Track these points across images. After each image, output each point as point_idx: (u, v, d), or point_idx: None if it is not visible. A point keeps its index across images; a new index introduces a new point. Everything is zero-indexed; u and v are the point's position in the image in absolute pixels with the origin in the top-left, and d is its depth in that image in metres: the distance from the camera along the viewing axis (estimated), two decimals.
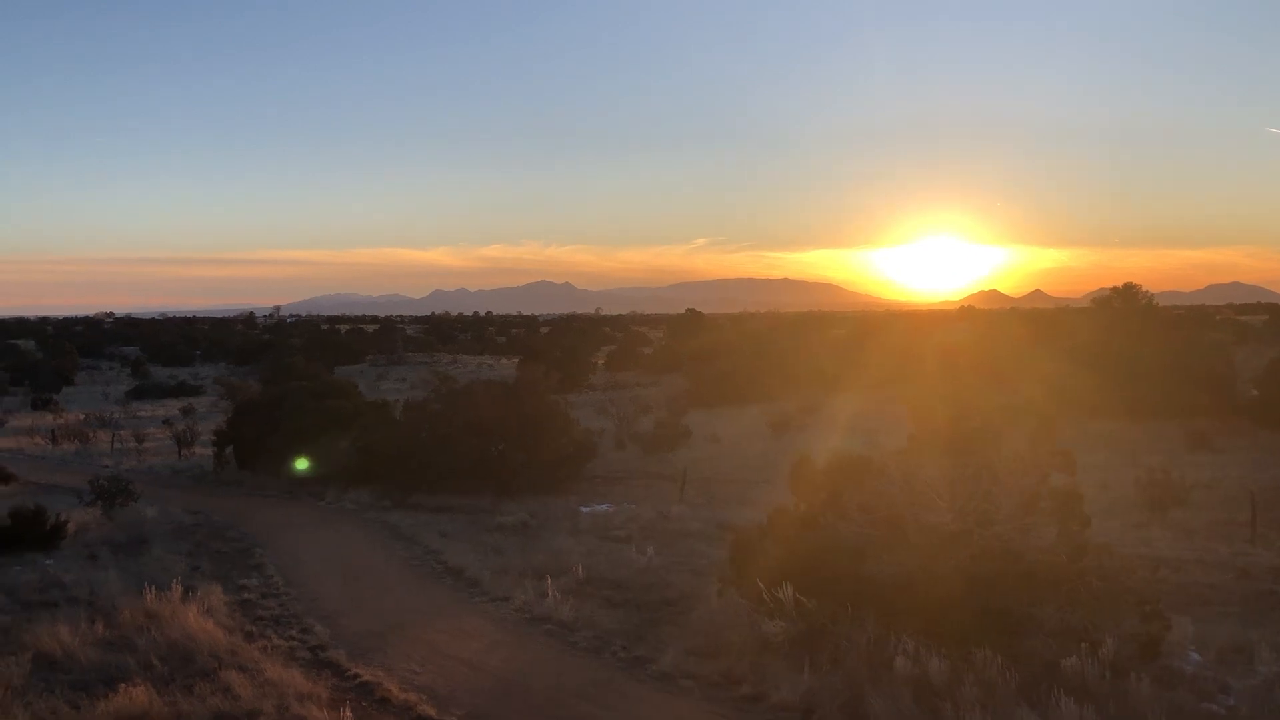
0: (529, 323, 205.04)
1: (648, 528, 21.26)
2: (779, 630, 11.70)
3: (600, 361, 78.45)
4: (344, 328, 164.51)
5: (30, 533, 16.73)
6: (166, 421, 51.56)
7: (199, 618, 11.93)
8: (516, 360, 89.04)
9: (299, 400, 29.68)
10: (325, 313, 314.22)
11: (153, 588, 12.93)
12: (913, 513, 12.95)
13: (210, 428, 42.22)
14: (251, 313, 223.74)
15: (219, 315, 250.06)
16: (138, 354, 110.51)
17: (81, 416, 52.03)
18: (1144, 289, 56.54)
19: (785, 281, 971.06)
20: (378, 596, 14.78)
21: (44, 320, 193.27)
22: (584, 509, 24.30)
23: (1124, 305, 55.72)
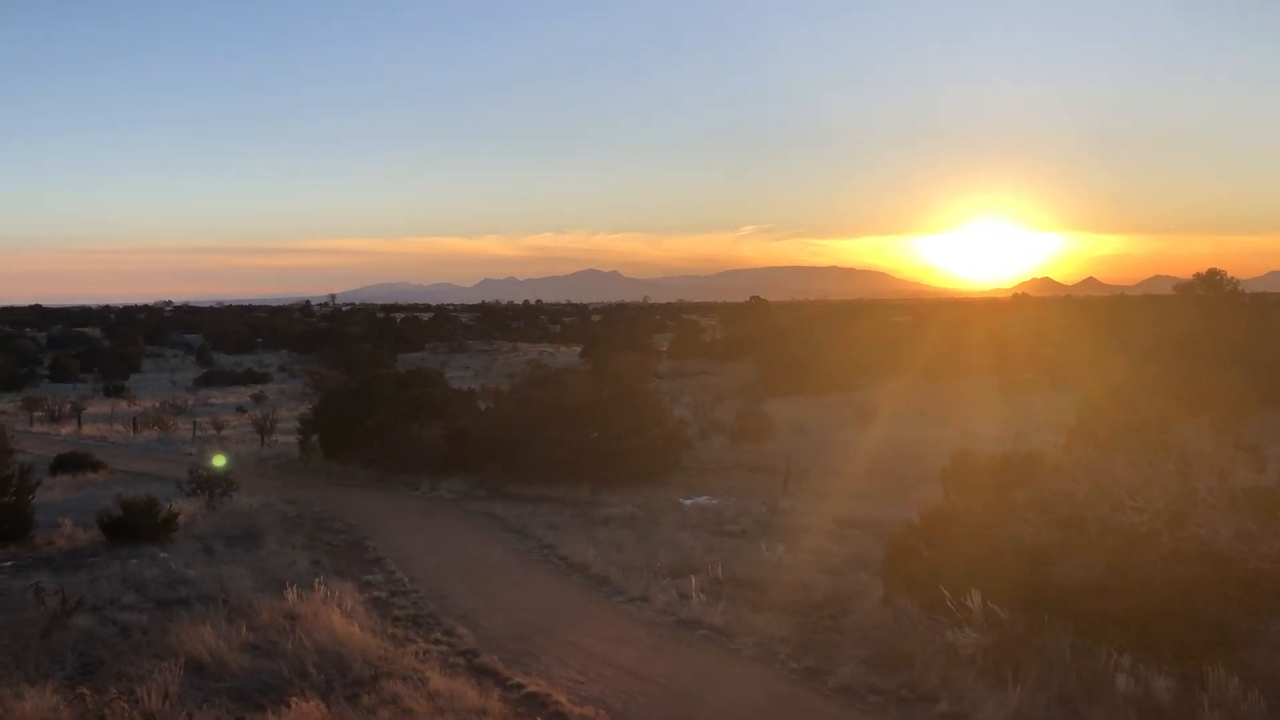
0: (579, 311, 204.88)
1: (761, 522, 20.34)
2: (970, 642, 10.72)
3: (663, 349, 77.62)
4: (399, 316, 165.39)
5: (143, 524, 16.23)
6: (240, 409, 51.71)
7: (344, 620, 11.21)
8: (579, 348, 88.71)
9: (388, 388, 29.17)
10: (377, 301, 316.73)
11: (293, 586, 12.25)
12: (1096, 512, 11.91)
13: (284, 414, 42.16)
14: (308, 301, 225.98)
15: (274, 304, 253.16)
16: (201, 341, 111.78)
17: (155, 404, 52.33)
18: (1228, 275, 54.47)
19: (833, 269, 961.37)
20: (508, 595, 14.03)
21: (106, 308, 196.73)
22: (686, 501, 23.48)
23: (1208, 292, 53.64)
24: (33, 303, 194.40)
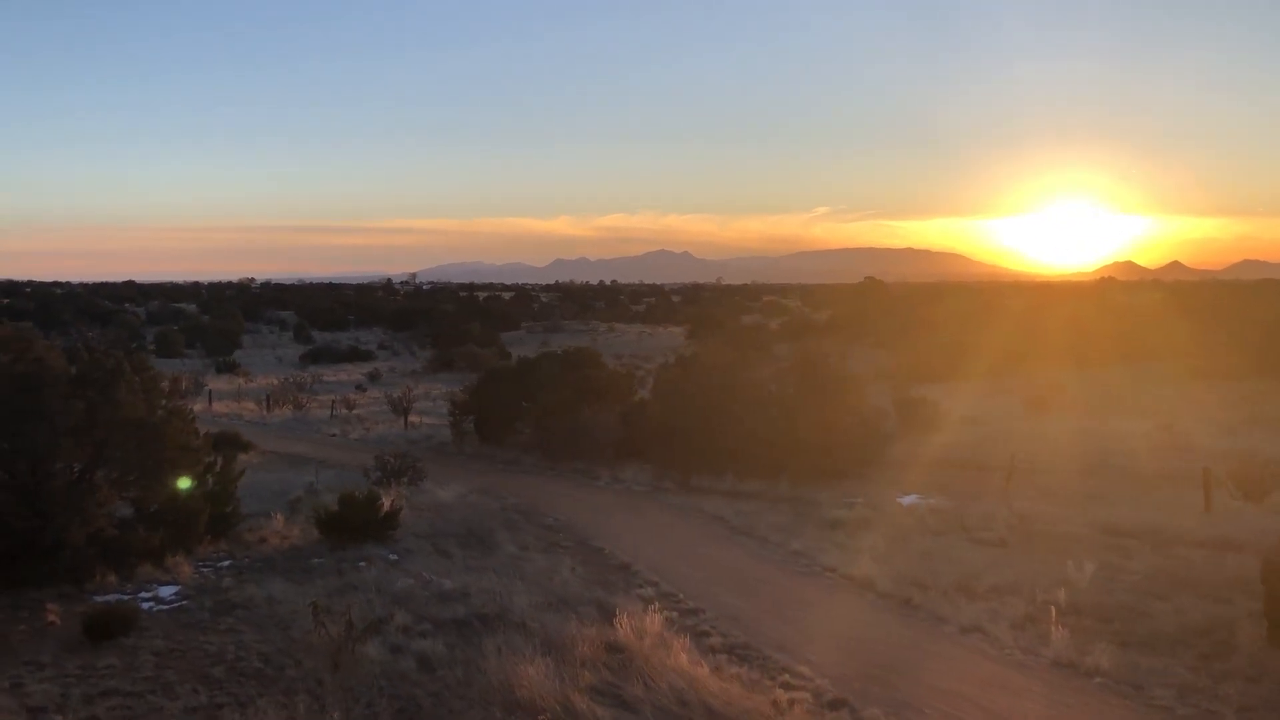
0: (655, 291, 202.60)
1: (1014, 528, 17.99)
2: None
3: (773, 330, 75.05)
4: (481, 295, 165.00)
5: (364, 521, 14.52)
6: (359, 387, 50.68)
7: (687, 656, 9.22)
8: (678, 329, 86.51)
9: (552, 371, 27.34)
10: (452, 280, 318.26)
11: (622, 611, 10.31)
12: None
13: (403, 394, 40.64)
14: (389, 279, 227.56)
15: (354, 282, 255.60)
16: (294, 318, 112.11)
17: (276, 381, 51.55)
18: None
19: (908, 251, 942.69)
20: (810, 618, 11.97)
21: (196, 284, 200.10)
22: (904, 501, 21.27)
23: None
24: (126, 279, 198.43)
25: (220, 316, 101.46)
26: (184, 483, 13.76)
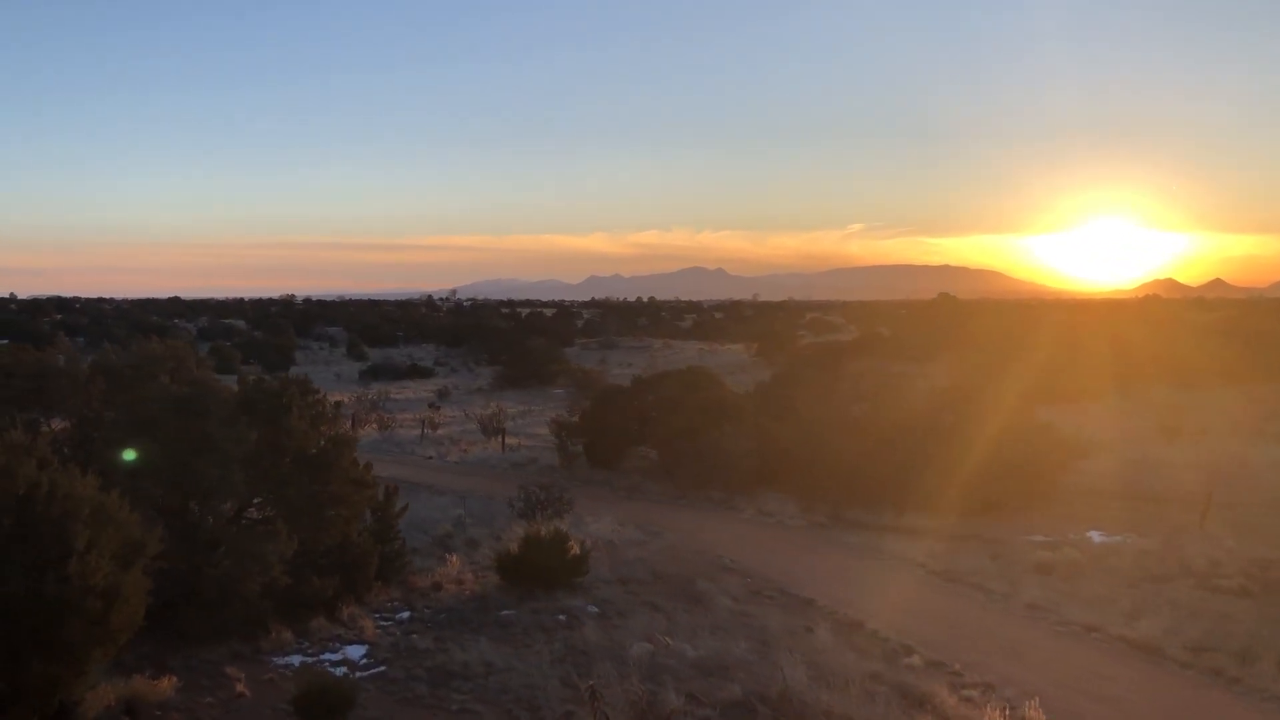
0: (695, 308, 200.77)
1: (1251, 575, 15.88)
2: None
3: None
4: (523, 312, 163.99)
5: (552, 565, 12.73)
6: (432, 405, 49.17)
7: None
8: (738, 345, 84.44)
9: (670, 392, 25.54)
10: (487, 296, 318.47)
11: (930, 695, 8.41)
12: None
13: (495, 413, 39.02)
14: (430, 296, 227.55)
15: (390, 298, 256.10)
16: (345, 334, 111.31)
17: (343, 399, 50.14)
18: None
19: (945, 268, 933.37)
20: (1132, 697, 10.00)
21: (240, 300, 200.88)
22: (1095, 538, 19.24)
23: None
24: (170, 295, 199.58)
25: (273, 332, 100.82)
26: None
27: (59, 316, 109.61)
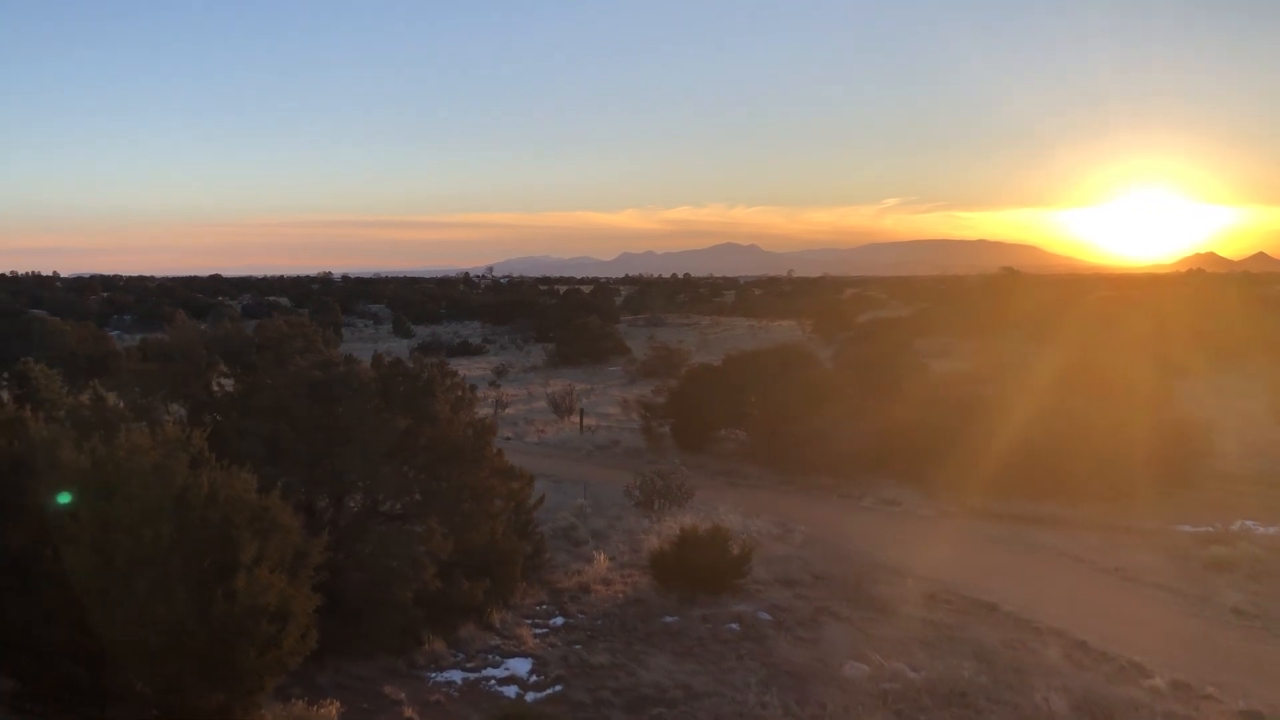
0: (732, 285, 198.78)
1: None
2: None
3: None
4: (561, 288, 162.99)
5: (715, 566, 11.49)
6: (493, 383, 48.17)
7: None
8: (789, 322, 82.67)
9: (767, 371, 24.19)
10: (520, 273, 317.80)
11: None
12: None
13: (567, 391, 37.92)
14: (467, 273, 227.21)
15: (425, 275, 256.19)
16: (388, 311, 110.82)
17: None
18: None
19: (982, 243, 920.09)
20: None
21: (280, 278, 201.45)
22: (1252, 528, 17.75)
23: None
24: (211, 273, 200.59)
25: (318, 309, 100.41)
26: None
27: (105, 295, 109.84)
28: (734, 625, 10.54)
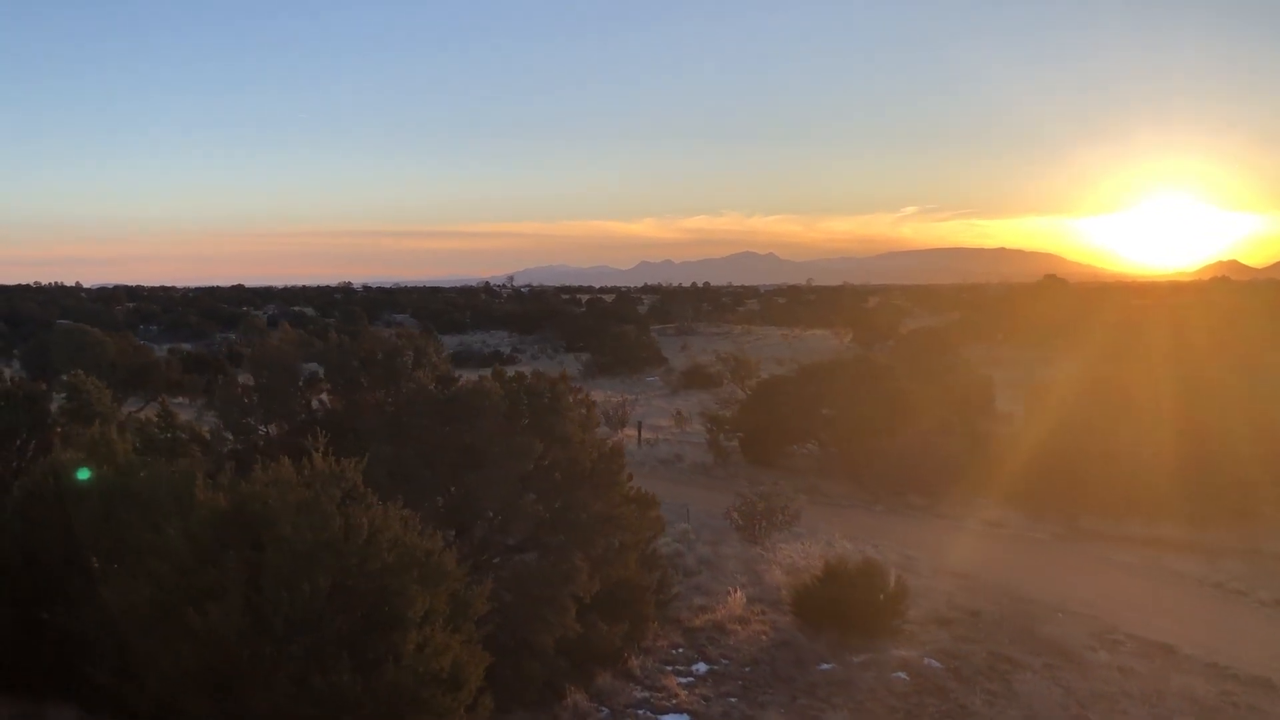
0: (753, 293, 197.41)
1: None
2: None
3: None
4: (583, 297, 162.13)
5: (867, 604, 10.30)
6: None
7: None
8: (829, 331, 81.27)
9: (845, 383, 23.01)
10: (539, 282, 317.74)
11: None
12: None
13: (621, 402, 36.84)
14: (488, 282, 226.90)
15: (445, 284, 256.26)
16: (412, 321, 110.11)
17: None
18: None
19: (1001, 251, 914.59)
20: None
21: (303, 288, 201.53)
22: None
23: None
24: (234, 283, 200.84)
25: (347, 319, 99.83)
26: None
27: (131, 305, 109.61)
28: (901, 674, 9.36)
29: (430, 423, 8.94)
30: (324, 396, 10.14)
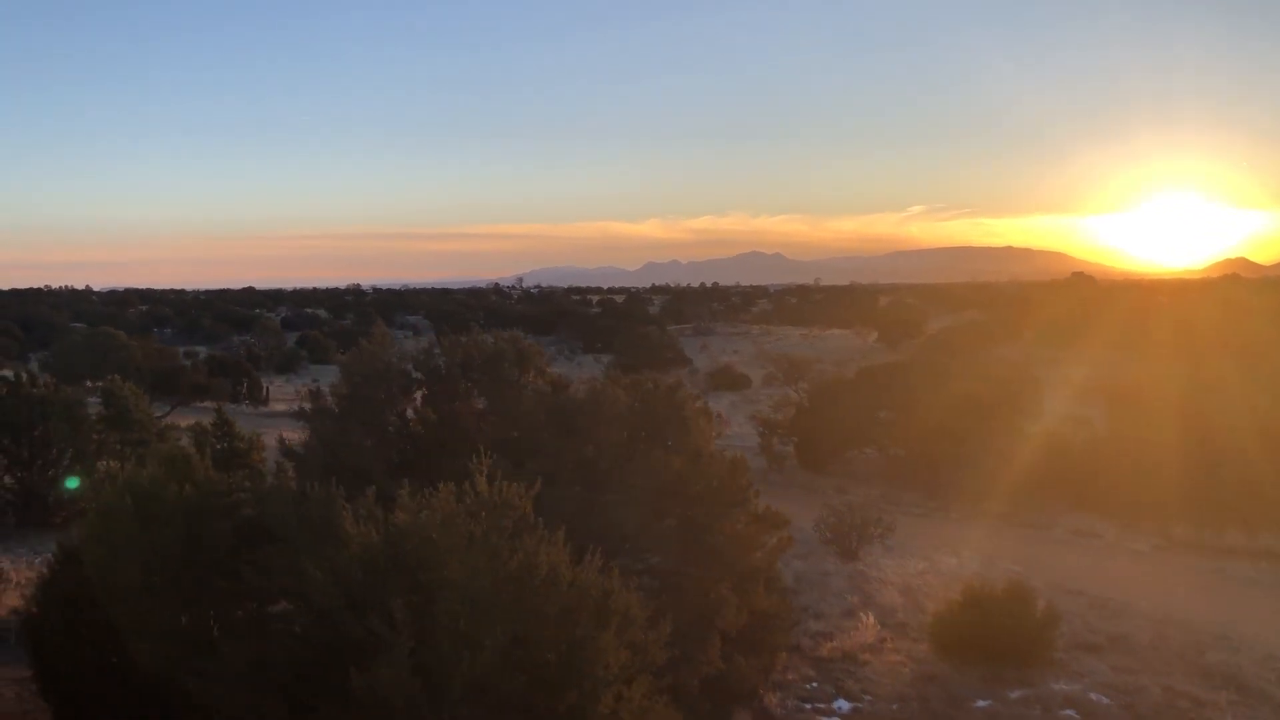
0: (762, 293, 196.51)
1: None
2: None
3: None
4: (594, 298, 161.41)
5: (1015, 633, 9.33)
6: None
7: None
8: (851, 331, 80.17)
9: (911, 385, 22.05)
10: (546, 283, 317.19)
11: None
12: None
13: None
14: (497, 284, 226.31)
15: (452, 286, 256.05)
16: (424, 322, 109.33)
17: None
18: None
19: (1009, 250, 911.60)
20: None
21: (314, 290, 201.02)
22: None
23: None
24: (244, 285, 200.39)
25: (361, 321, 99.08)
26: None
27: (144, 308, 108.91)
28: (1070, 712, 8.39)
29: (550, 436, 7.99)
30: (415, 406, 9.20)
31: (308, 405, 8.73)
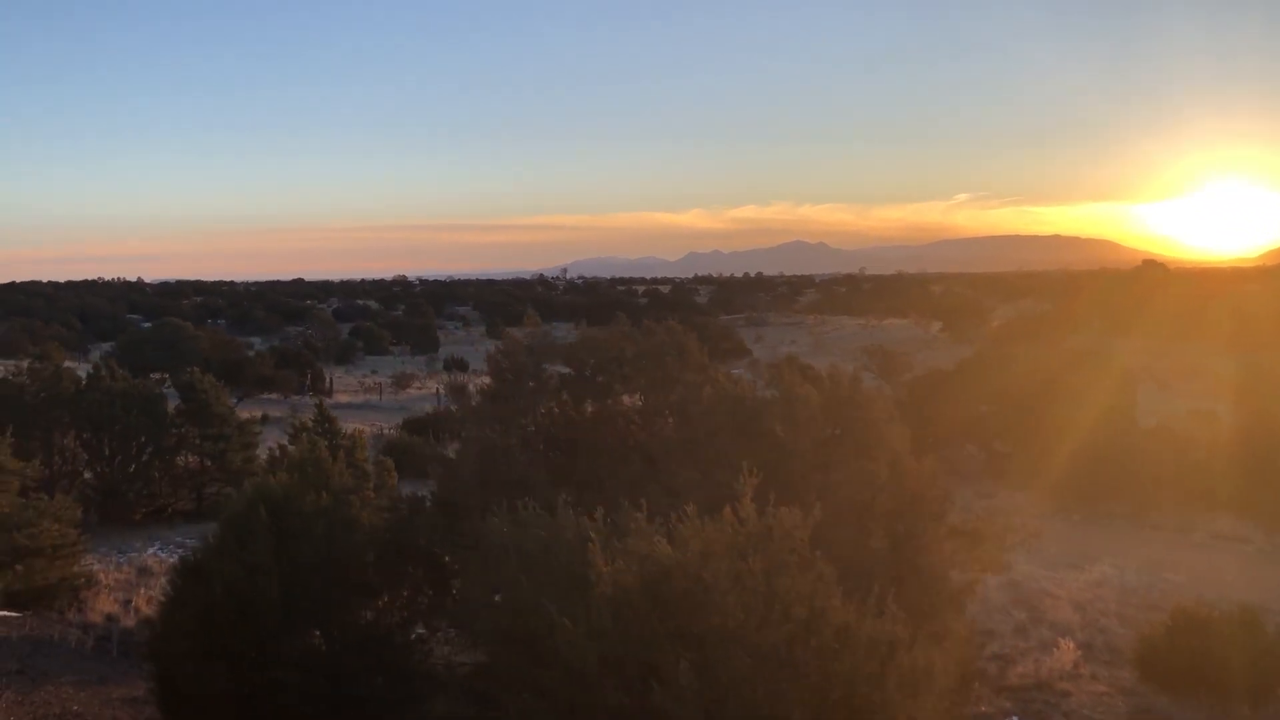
0: (809, 283, 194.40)
1: None
2: None
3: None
4: (638, 288, 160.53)
5: (1242, 660, 8.21)
6: None
7: None
8: (909, 320, 78.49)
9: (1024, 380, 20.80)
10: (589, 274, 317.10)
11: None
12: None
13: None
14: (542, 274, 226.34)
15: (497, 277, 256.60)
16: (473, 313, 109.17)
17: None
18: None
19: (1056, 238, 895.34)
20: None
21: (362, 281, 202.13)
22: None
23: None
24: (293, 277, 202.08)
25: (413, 312, 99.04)
26: None
27: (198, 299, 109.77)
28: None
29: (729, 440, 7.01)
30: (561, 404, 8.28)
31: (453, 405, 7.82)
